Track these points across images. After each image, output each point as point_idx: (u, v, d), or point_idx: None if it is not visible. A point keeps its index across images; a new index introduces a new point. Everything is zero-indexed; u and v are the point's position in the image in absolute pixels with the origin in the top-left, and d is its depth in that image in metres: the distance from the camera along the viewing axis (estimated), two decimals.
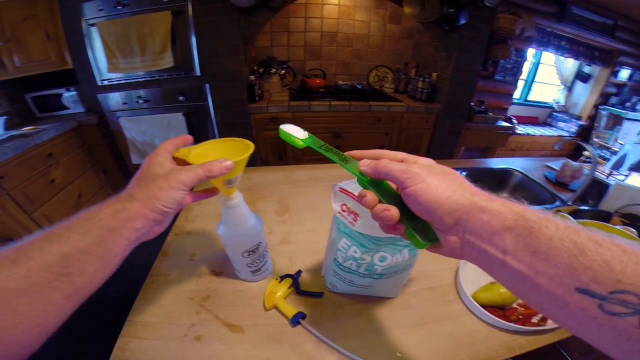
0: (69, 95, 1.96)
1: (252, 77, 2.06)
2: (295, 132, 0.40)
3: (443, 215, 0.27)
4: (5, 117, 1.66)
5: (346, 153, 0.36)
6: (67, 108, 1.99)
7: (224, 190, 0.46)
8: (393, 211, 0.29)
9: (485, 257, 0.26)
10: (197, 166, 0.37)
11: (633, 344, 0.18)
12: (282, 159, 2.40)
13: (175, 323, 0.53)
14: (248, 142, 0.43)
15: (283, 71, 2.56)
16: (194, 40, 1.79)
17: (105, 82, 1.89)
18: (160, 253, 0.71)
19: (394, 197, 0.32)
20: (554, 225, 0.22)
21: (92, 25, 1.71)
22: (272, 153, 2.36)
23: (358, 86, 2.63)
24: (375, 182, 0.33)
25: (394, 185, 0.33)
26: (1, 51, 1.67)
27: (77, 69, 1.86)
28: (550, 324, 0.56)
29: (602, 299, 0.19)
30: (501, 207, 0.25)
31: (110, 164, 2.16)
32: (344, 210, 0.48)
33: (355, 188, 0.48)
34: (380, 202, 0.31)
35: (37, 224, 1.59)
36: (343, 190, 0.48)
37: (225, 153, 0.42)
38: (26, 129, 1.71)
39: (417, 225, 0.30)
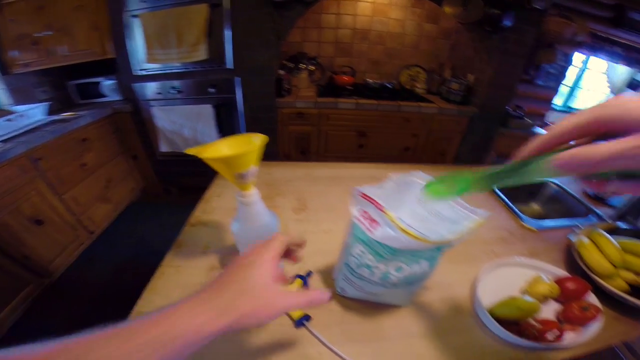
0: (107, 84, 2.04)
1: (282, 72, 2.05)
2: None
3: None
4: (48, 102, 1.75)
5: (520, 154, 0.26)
6: (105, 96, 2.08)
7: (238, 184, 0.44)
8: None
9: None
10: (300, 295, 0.36)
11: None
12: (305, 154, 2.38)
13: None
14: (262, 136, 0.42)
15: (312, 67, 2.54)
16: (228, 33, 1.81)
17: (142, 72, 1.95)
18: (174, 244, 0.71)
19: None
20: None
21: (135, 16, 1.76)
22: (295, 148, 2.35)
23: (388, 85, 2.55)
24: None
25: None
26: (52, 40, 1.77)
27: (117, 58, 1.93)
28: (565, 342, 0.53)
29: None
30: None
31: (139, 150, 2.23)
32: (362, 216, 0.46)
33: (376, 194, 0.45)
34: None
35: (66, 206, 1.66)
36: (365, 196, 0.45)
37: (234, 148, 0.42)
38: (66, 114, 1.80)
39: None
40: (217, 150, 0.42)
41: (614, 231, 0.77)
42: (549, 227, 0.87)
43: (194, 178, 1.34)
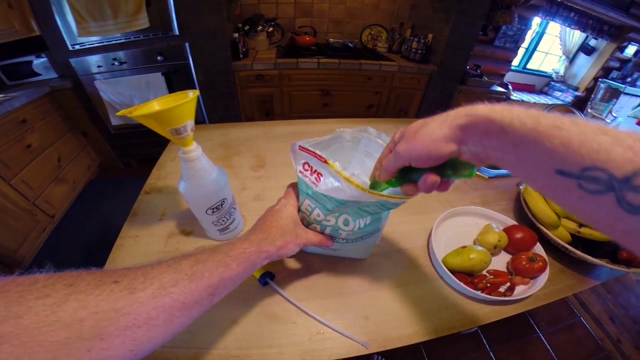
0: (39, 62, 1.84)
1: (236, 35, 1.94)
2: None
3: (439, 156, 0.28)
4: None
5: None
6: (39, 74, 1.88)
7: (177, 141, 0.43)
8: (431, 177, 0.31)
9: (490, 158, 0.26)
10: (315, 234, 0.47)
11: (623, 224, 0.17)
12: (269, 116, 2.34)
13: None
14: (196, 91, 0.41)
15: (271, 29, 2.42)
16: None
17: (77, 47, 1.77)
18: (130, 214, 0.68)
19: (416, 170, 0.33)
20: (519, 121, 0.21)
21: None
22: (258, 111, 2.31)
23: (350, 44, 2.51)
24: (398, 175, 0.35)
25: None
26: None
27: (45, 35, 1.72)
28: (516, 295, 0.52)
29: (578, 177, 0.18)
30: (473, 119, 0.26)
31: (89, 126, 2.08)
32: (305, 170, 0.44)
33: (316, 146, 0.43)
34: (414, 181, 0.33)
35: (18, 191, 1.55)
36: (304, 149, 0.42)
37: (166, 105, 0.40)
38: None
39: (452, 171, 0.31)
40: (149, 108, 0.40)
41: None
42: (500, 175, 0.87)
43: (153, 148, 1.28)
